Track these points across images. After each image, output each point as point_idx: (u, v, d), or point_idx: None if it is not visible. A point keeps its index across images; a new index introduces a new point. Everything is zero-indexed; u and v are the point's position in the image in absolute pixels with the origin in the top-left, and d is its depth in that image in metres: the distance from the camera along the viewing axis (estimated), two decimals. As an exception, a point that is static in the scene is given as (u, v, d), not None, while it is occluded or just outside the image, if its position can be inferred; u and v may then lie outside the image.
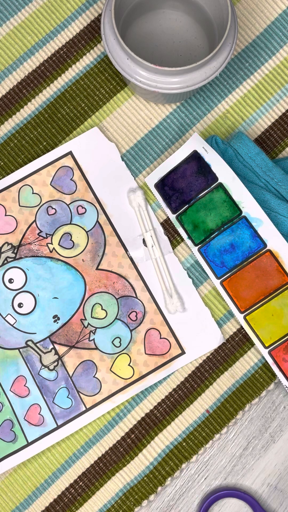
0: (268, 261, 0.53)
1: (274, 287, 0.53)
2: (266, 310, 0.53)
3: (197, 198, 0.54)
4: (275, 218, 0.53)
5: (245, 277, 0.54)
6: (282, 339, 0.53)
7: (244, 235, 0.53)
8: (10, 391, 0.54)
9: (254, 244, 0.53)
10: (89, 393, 0.54)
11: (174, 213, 0.55)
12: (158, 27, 0.56)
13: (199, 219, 0.54)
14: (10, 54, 0.58)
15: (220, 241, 0.54)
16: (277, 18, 0.58)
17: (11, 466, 0.53)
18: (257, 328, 0.54)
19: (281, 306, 0.53)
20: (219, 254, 0.54)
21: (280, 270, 0.53)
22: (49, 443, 0.53)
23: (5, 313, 0.55)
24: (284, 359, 0.53)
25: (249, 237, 0.53)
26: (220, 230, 0.54)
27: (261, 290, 0.53)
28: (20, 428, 0.54)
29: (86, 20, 0.58)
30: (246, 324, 0.54)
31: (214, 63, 0.52)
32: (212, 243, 0.54)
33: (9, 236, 0.55)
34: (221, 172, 0.54)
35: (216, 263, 0.54)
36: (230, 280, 0.54)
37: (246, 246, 0.53)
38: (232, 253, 0.54)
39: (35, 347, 0.54)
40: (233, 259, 0.54)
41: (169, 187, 0.55)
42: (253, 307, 0.54)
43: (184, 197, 0.55)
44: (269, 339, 0.53)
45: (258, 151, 0.54)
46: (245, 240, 0.53)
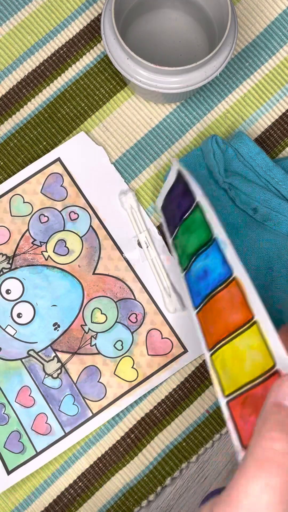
0: (235, 292, 0.45)
1: (238, 323, 0.44)
2: (229, 350, 0.44)
3: (183, 220, 0.49)
4: (276, 217, 0.53)
5: (214, 309, 0.46)
6: (241, 388, 0.43)
7: (216, 260, 0.46)
8: (15, 402, 0.54)
9: (224, 270, 0.46)
10: (94, 399, 0.54)
11: (171, 237, 0.51)
12: (158, 27, 0.56)
13: (184, 242, 0.49)
14: (10, 54, 0.58)
15: (197, 266, 0.47)
16: (277, 17, 0.58)
17: (21, 477, 0.53)
18: (220, 370, 0.44)
19: (245, 348, 0.43)
20: (196, 281, 0.47)
21: (244, 304, 0.44)
22: (58, 452, 0.53)
23: (5, 324, 0.55)
24: (241, 415, 0.42)
25: (220, 262, 0.46)
26: (197, 254, 0.48)
27: (226, 325, 0.45)
28: (28, 439, 0.53)
29: (86, 19, 0.58)
30: (210, 363, 0.45)
31: (214, 63, 0.52)
32: (192, 269, 0.48)
33: (3, 247, 0.55)
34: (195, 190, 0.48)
35: (194, 290, 0.47)
36: (203, 312, 0.46)
37: (217, 273, 0.46)
38: (205, 280, 0.47)
39: (37, 356, 0.54)
40: (205, 287, 0.47)
41: (167, 209, 0.52)
42: (218, 344, 0.45)
43: (176, 219, 0.50)
44: (229, 387, 0.43)
45: (259, 150, 0.54)
46: (216, 266, 0.46)
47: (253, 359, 0.42)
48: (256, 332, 0.43)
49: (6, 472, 0.53)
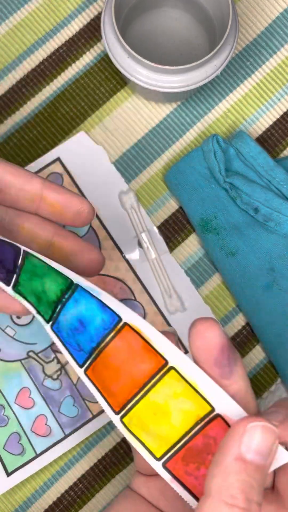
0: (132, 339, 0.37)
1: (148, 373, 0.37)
2: (145, 408, 0.37)
3: (19, 266, 0.41)
4: (277, 217, 0.53)
5: (109, 365, 0.38)
6: (175, 445, 0.36)
7: (90, 305, 0.38)
8: (15, 404, 0.53)
9: (107, 316, 0.38)
10: (95, 400, 0.54)
11: (8, 285, 0.41)
12: (159, 26, 0.56)
13: (38, 289, 0.41)
14: (10, 53, 0.58)
15: (67, 316, 0.39)
16: (278, 16, 0.58)
17: (21, 479, 0.53)
18: (140, 433, 0.37)
19: (166, 399, 0.36)
20: (72, 334, 0.39)
21: (149, 349, 0.37)
22: (58, 453, 0.53)
23: (4, 325, 0.54)
24: (186, 472, 0.36)
25: (98, 307, 0.38)
26: (62, 301, 0.39)
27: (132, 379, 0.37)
28: (27, 440, 0.53)
29: (86, 18, 0.58)
30: (125, 430, 0.37)
31: (215, 62, 0.51)
32: (60, 320, 0.39)
33: None
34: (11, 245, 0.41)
35: (72, 346, 0.39)
36: (94, 369, 0.38)
37: (98, 321, 0.38)
38: (84, 333, 0.38)
39: (37, 358, 0.54)
40: (87, 341, 0.38)
41: None
42: (128, 404, 0.37)
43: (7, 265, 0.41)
44: (159, 448, 0.36)
45: (260, 150, 0.54)
46: (94, 313, 0.38)
47: (180, 409, 0.36)
48: (176, 378, 0.36)
49: (5, 474, 0.53)
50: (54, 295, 0.40)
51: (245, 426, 0.32)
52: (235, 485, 0.31)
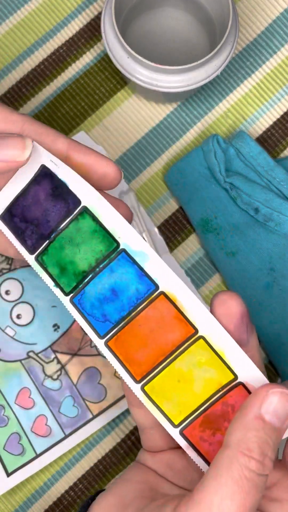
0: (164, 308, 0.39)
1: (176, 342, 0.38)
2: (169, 375, 0.39)
3: (59, 231, 0.40)
4: (277, 218, 0.53)
5: (137, 333, 0.39)
6: (195, 412, 0.39)
7: (127, 274, 0.39)
8: (15, 404, 0.53)
9: (142, 286, 0.39)
10: (94, 400, 0.54)
11: (32, 254, 0.41)
12: (159, 26, 0.56)
13: (66, 258, 0.40)
14: (10, 53, 0.58)
15: (98, 286, 0.39)
16: (278, 16, 0.58)
17: (21, 479, 0.53)
18: (161, 401, 0.39)
19: (190, 367, 0.38)
20: (98, 305, 0.40)
21: (181, 319, 0.38)
22: (58, 454, 0.53)
23: (4, 325, 0.54)
24: (202, 438, 0.39)
25: (135, 276, 0.39)
26: (95, 271, 0.40)
27: (160, 347, 0.39)
28: (27, 441, 0.53)
29: (86, 18, 0.58)
30: (146, 398, 0.39)
31: (215, 62, 0.51)
32: (87, 290, 0.40)
33: None
34: (83, 191, 0.40)
35: (96, 317, 0.40)
36: (118, 339, 0.39)
37: (132, 290, 0.39)
38: (115, 302, 0.39)
39: (37, 358, 0.54)
40: (117, 310, 0.39)
41: (19, 218, 0.42)
42: (152, 372, 0.39)
43: (42, 230, 0.41)
44: (178, 415, 0.39)
45: (260, 150, 0.54)
46: (129, 282, 0.39)
47: (203, 378, 0.38)
48: (203, 347, 0.38)
49: (5, 474, 0.53)
50: (87, 264, 0.40)
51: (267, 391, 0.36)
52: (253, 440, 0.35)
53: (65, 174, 0.40)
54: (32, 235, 0.41)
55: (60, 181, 0.40)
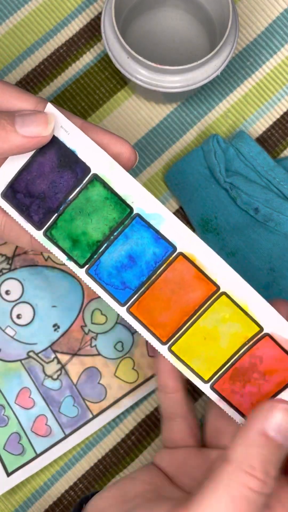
0: (184, 268, 0.39)
1: (198, 301, 0.39)
2: (195, 334, 0.40)
3: (68, 202, 0.40)
4: (277, 218, 0.53)
5: (158, 296, 0.40)
6: (224, 366, 0.40)
7: (143, 239, 0.39)
8: (15, 404, 0.53)
9: (160, 249, 0.39)
10: (95, 400, 0.54)
11: (39, 229, 0.40)
12: (159, 26, 0.56)
13: (78, 230, 0.40)
14: (10, 53, 0.58)
15: (114, 254, 0.40)
16: (278, 16, 0.58)
17: (21, 479, 0.53)
18: (189, 359, 0.40)
19: (215, 324, 0.40)
20: (116, 273, 0.40)
21: (201, 277, 0.39)
22: (58, 453, 0.53)
23: (4, 325, 0.54)
24: (233, 390, 0.40)
25: (151, 240, 0.39)
26: (109, 239, 0.40)
27: (183, 308, 0.40)
28: (28, 440, 0.53)
29: (86, 18, 0.58)
30: (174, 358, 0.40)
31: (215, 62, 0.51)
32: (103, 260, 0.40)
33: (3, 247, 0.55)
34: (93, 158, 0.39)
35: (115, 285, 0.40)
36: (140, 304, 0.40)
37: (149, 254, 0.39)
38: (133, 268, 0.40)
39: (37, 358, 0.54)
40: (136, 276, 0.40)
41: (23, 193, 0.41)
42: (178, 333, 0.40)
43: (49, 203, 0.40)
44: (208, 371, 0.40)
45: (260, 150, 0.54)
46: (146, 246, 0.39)
47: (229, 333, 0.40)
48: (226, 303, 0.39)
49: (5, 474, 0.53)
50: (101, 234, 0.40)
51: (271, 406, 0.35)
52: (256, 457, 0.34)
53: (75, 141, 0.39)
54: (38, 210, 0.40)
55: (68, 150, 0.39)
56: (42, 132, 0.38)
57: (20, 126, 0.38)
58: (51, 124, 0.38)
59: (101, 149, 0.39)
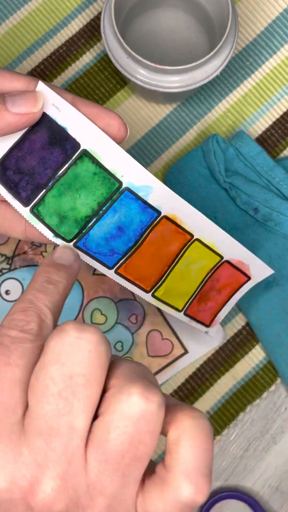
0: (165, 228, 0.43)
1: (176, 250, 0.44)
2: (174, 277, 0.45)
3: (57, 178, 0.40)
4: (277, 217, 0.53)
5: (144, 255, 0.43)
6: (194, 294, 0.46)
7: (131, 211, 0.41)
8: None
9: (145, 216, 0.42)
10: None
11: (26, 206, 0.41)
12: (159, 26, 0.56)
13: (66, 206, 0.41)
14: (10, 53, 0.58)
15: (103, 228, 0.41)
16: (278, 16, 0.58)
17: None
18: (169, 298, 0.45)
19: (187, 265, 0.45)
20: (105, 243, 0.42)
21: (179, 231, 0.43)
22: None
23: None
24: (198, 310, 0.47)
25: (138, 210, 0.41)
26: (98, 214, 0.41)
27: (164, 260, 0.44)
28: None
29: (86, 18, 0.58)
30: (157, 301, 0.45)
31: (214, 62, 0.51)
32: (92, 233, 0.41)
33: (3, 247, 0.55)
34: (83, 134, 0.40)
35: (103, 253, 0.42)
36: (127, 266, 0.43)
37: (136, 223, 0.42)
38: (122, 236, 0.42)
39: None
40: (124, 243, 0.42)
41: (13, 170, 0.41)
42: (160, 280, 0.44)
43: (38, 179, 0.40)
44: (182, 302, 0.46)
45: (260, 150, 0.54)
46: (133, 217, 0.41)
47: (197, 268, 0.46)
48: (198, 247, 0.45)
49: None
50: (90, 209, 0.41)
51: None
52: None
53: (66, 117, 0.40)
54: (27, 186, 0.40)
55: (59, 127, 0.40)
56: (32, 109, 0.40)
57: (11, 105, 0.39)
58: (40, 101, 0.40)
59: (91, 122, 0.40)
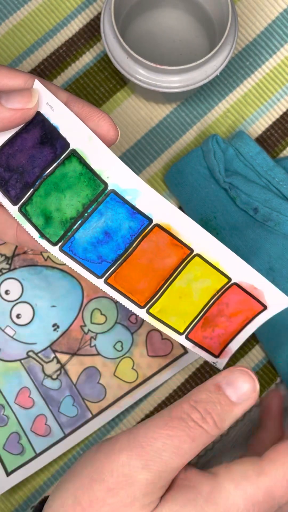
0: (159, 238, 0.40)
1: (173, 265, 0.41)
2: (171, 294, 0.42)
3: (44, 177, 0.40)
4: (277, 217, 0.53)
5: (136, 266, 0.41)
6: (197, 317, 0.43)
7: (118, 215, 0.40)
8: (14, 404, 0.53)
9: (135, 222, 0.40)
10: (94, 400, 0.54)
11: (15, 204, 0.40)
12: (158, 26, 0.56)
13: (52, 206, 0.40)
14: (10, 53, 0.58)
15: (88, 231, 0.40)
16: (277, 17, 0.58)
17: (21, 478, 0.53)
18: (166, 317, 0.43)
19: (188, 283, 0.42)
20: (92, 248, 0.40)
21: (175, 243, 0.41)
22: (58, 453, 0.53)
23: (4, 325, 0.54)
24: (204, 336, 0.44)
25: (126, 216, 0.40)
26: (83, 216, 0.40)
27: (159, 273, 0.41)
28: (27, 440, 0.53)
29: (86, 18, 0.58)
30: (152, 318, 0.42)
31: (214, 62, 0.51)
32: (77, 237, 0.40)
33: (2, 247, 0.55)
34: (73, 133, 0.39)
35: (91, 260, 0.40)
36: (117, 275, 0.41)
37: (125, 229, 0.40)
38: (110, 243, 0.40)
39: (37, 358, 0.54)
40: (113, 250, 0.40)
41: (3, 167, 0.41)
42: (155, 296, 0.42)
43: (26, 178, 0.40)
44: (183, 324, 0.43)
45: (259, 150, 0.54)
46: (121, 222, 0.40)
47: (200, 288, 0.43)
48: (198, 263, 0.42)
49: (5, 474, 0.53)
50: (74, 211, 0.39)
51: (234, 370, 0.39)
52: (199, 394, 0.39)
53: (58, 117, 0.39)
54: (16, 184, 0.40)
55: (51, 127, 0.40)
56: (26, 105, 0.40)
57: (6, 101, 0.39)
58: (35, 97, 0.40)
59: (80, 121, 0.39)
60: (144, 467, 0.36)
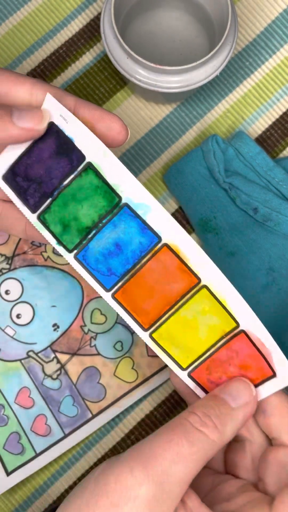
0: (167, 259, 0.41)
1: (180, 292, 0.41)
2: (176, 323, 0.41)
3: (62, 188, 0.41)
4: (277, 217, 0.53)
5: (143, 285, 0.41)
6: (202, 356, 0.42)
7: (130, 228, 0.41)
8: (14, 404, 0.54)
9: (146, 238, 0.40)
10: (94, 400, 0.54)
11: (34, 212, 0.42)
12: (158, 26, 0.56)
13: (69, 215, 0.41)
14: (10, 53, 0.58)
15: (101, 241, 0.41)
16: (277, 17, 0.58)
17: (21, 478, 0.53)
18: (168, 347, 0.42)
19: (195, 315, 0.41)
20: (103, 259, 0.41)
21: (184, 269, 0.40)
22: (58, 453, 0.53)
23: (4, 325, 0.54)
24: (209, 380, 0.42)
25: (137, 230, 0.40)
26: (98, 226, 0.41)
27: (165, 297, 0.41)
28: (27, 440, 0.53)
29: (86, 19, 0.58)
30: (155, 344, 0.42)
31: (214, 62, 0.51)
32: (91, 246, 0.41)
33: (2, 247, 0.55)
34: (88, 147, 0.40)
35: (101, 271, 0.41)
36: (124, 291, 0.41)
37: (135, 244, 0.41)
38: (120, 255, 0.41)
39: (37, 357, 0.54)
40: (122, 263, 0.41)
41: (22, 177, 0.42)
42: (159, 321, 0.42)
43: (45, 188, 0.42)
44: (186, 359, 0.42)
45: (259, 150, 0.54)
46: (133, 236, 0.41)
47: (207, 325, 0.41)
48: (206, 296, 0.41)
49: (5, 473, 0.53)
50: (90, 220, 0.41)
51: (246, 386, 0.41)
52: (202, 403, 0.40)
53: (73, 129, 0.41)
54: (34, 194, 0.42)
55: (66, 138, 0.41)
56: (37, 126, 0.40)
57: (17, 118, 0.40)
58: (45, 120, 0.41)
59: (96, 137, 0.40)
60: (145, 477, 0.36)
